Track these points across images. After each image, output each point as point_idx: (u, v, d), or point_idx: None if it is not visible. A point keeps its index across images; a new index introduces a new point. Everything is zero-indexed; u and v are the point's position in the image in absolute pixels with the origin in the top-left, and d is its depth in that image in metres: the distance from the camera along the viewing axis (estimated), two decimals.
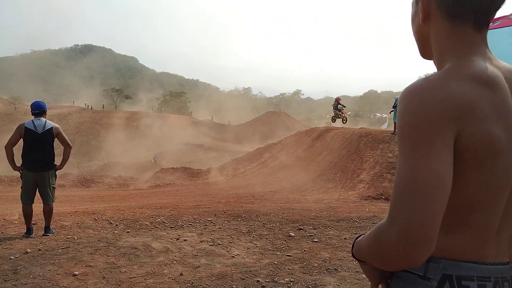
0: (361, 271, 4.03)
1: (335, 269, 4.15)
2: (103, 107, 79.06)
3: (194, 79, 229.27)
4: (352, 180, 14.40)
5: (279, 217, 7.24)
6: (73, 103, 79.36)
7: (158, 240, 5.21)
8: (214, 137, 63.23)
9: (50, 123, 5.60)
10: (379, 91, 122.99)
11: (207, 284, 3.64)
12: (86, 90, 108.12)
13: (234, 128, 71.51)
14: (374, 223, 6.83)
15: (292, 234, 5.76)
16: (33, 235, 5.40)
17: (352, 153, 16.90)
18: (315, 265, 4.31)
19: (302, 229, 6.15)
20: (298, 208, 8.67)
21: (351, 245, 1.08)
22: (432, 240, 0.80)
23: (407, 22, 1.15)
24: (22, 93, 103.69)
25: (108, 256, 4.44)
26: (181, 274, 3.88)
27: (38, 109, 5.61)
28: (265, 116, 74.59)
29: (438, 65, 1.00)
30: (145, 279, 3.74)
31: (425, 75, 0.97)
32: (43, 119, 5.59)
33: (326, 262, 4.43)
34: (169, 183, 17.44)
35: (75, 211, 7.57)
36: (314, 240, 5.47)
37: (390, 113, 18.32)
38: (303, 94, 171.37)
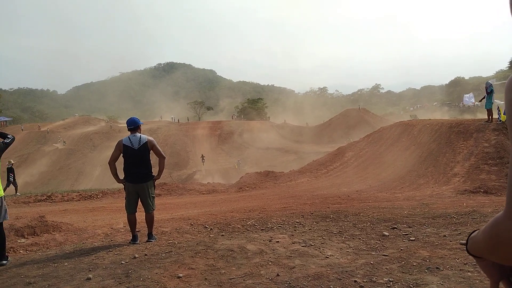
0: (466, 269, 3.77)
1: (437, 268, 3.92)
2: (188, 120, 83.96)
3: (269, 84, 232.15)
4: (445, 174, 13.45)
5: (370, 216, 7.04)
6: (161, 118, 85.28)
7: (251, 242, 5.38)
8: (293, 139, 63.33)
9: (145, 137, 6.03)
10: (466, 78, 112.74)
11: (304, 285, 3.68)
12: (171, 105, 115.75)
13: (313, 129, 70.93)
14: (475, 218, 6.33)
15: (386, 233, 5.57)
16: (138, 241, 5.91)
17: (443, 145, 15.78)
18: (414, 264, 4.12)
19: (396, 228, 5.91)
20: (389, 207, 8.34)
21: (465, 241, 1.04)
22: None
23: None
24: (115, 112, 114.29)
25: (207, 258, 4.71)
26: (278, 275, 3.97)
27: (133, 125, 6.08)
28: (344, 114, 72.71)
29: None
30: (244, 280, 3.90)
31: None
32: (138, 134, 6.04)
33: (426, 260, 4.20)
34: (254, 187, 17.84)
35: (172, 218, 8.14)
36: (411, 238, 5.22)
37: (480, 101, 16.57)
38: (383, 88, 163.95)
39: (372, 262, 4.25)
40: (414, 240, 5.15)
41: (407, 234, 5.50)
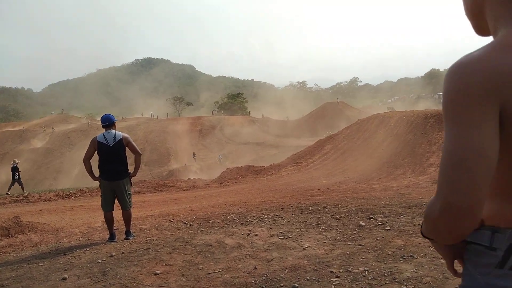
0: (439, 256, 3.87)
1: (411, 256, 4.02)
2: (167, 116, 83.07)
3: (249, 79, 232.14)
4: (421, 164, 13.77)
5: (347, 207, 7.15)
6: (142, 115, 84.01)
7: (230, 236, 5.39)
8: (274, 134, 63.49)
9: (120, 134, 5.95)
10: (441, 70, 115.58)
11: (281, 277, 3.72)
12: (150, 101, 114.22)
13: (293, 123, 71.23)
14: None
15: (363, 224, 5.66)
16: (116, 239, 5.84)
17: (419, 136, 16.15)
18: (389, 253, 4.21)
19: (373, 218, 6.02)
20: (366, 198, 8.48)
21: (420, 225, 1.08)
22: (475, 212, 0.80)
23: None
24: (93, 109, 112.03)
25: (185, 254, 4.70)
26: (255, 268, 4.00)
27: (108, 122, 5.99)
28: (323, 108, 73.37)
29: (494, 38, 0.95)
30: (221, 275, 3.91)
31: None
32: (112, 131, 5.95)
33: (401, 249, 4.30)
34: (235, 182, 17.85)
35: (152, 215, 8.07)
36: (386, 228, 5.33)
37: None
38: (361, 81, 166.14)
39: (348, 252, 4.32)
40: (389, 229, 5.26)
41: (383, 224, 5.61)
